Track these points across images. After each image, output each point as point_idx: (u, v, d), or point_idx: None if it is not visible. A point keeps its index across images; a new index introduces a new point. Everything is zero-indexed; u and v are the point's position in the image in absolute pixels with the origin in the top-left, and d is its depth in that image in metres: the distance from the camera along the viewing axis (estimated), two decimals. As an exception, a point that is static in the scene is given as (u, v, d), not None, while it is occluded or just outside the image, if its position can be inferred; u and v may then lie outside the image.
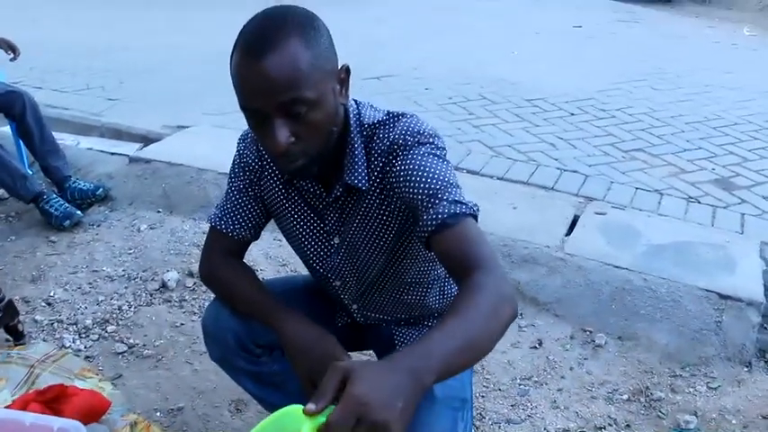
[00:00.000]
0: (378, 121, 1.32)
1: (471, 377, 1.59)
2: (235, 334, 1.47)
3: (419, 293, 1.52)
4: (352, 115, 1.31)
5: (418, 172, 1.23)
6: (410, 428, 1.32)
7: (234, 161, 1.48)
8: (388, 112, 1.34)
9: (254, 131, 1.22)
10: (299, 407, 0.88)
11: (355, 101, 1.34)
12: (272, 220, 1.52)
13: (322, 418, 0.85)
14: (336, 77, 1.22)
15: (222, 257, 1.48)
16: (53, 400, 1.27)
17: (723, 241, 2.90)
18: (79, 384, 1.44)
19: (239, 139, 1.48)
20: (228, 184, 1.49)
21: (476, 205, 1.22)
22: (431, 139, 1.28)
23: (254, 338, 1.49)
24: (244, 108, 1.18)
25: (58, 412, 1.20)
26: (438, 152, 1.27)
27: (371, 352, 1.80)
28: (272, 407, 1.70)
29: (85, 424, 1.12)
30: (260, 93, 1.12)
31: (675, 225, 3.07)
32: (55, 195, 3.11)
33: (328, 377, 0.87)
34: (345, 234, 1.40)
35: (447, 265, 1.19)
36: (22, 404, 1.25)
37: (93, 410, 1.27)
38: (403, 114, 1.32)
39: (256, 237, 1.52)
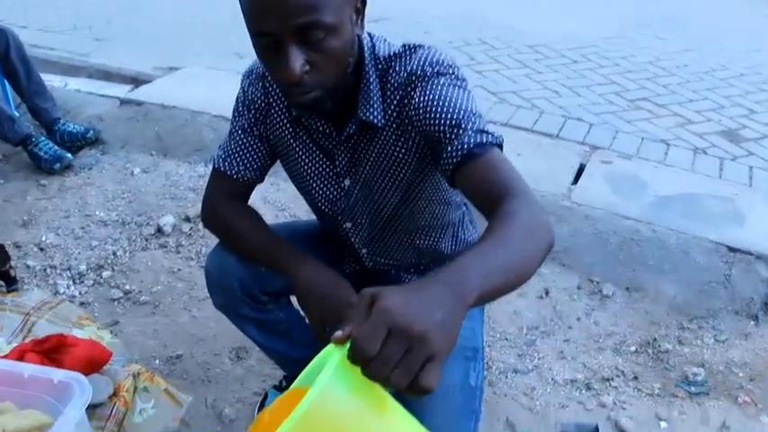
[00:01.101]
0: (393, 53, 1.23)
1: (482, 327, 1.54)
2: (240, 281, 1.41)
3: (432, 238, 1.45)
4: (366, 48, 1.22)
5: (439, 102, 1.15)
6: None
7: (238, 99, 1.40)
8: (404, 44, 1.25)
9: (264, 61, 1.13)
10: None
11: (369, 34, 1.25)
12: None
13: None
14: (353, 6, 1.13)
15: (226, 200, 1.40)
16: (52, 351, 1.21)
17: (731, 194, 2.85)
18: (77, 333, 1.37)
19: (243, 76, 1.39)
20: (232, 123, 1.41)
21: (501, 135, 1.14)
22: (450, 70, 1.20)
23: (261, 285, 1.43)
24: (254, 34, 1.08)
25: (57, 363, 1.14)
26: (459, 82, 1.19)
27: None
28: (276, 355, 1.65)
29: (86, 375, 1.05)
30: (276, 14, 1.02)
31: (683, 176, 3.01)
32: (44, 138, 3.01)
33: (356, 303, 0.76)
34: (357, 175, 1.33)
35: (476, 198, 1.11)
36: (20, 354, 1.19)
37: (94, 361, 1.21)
38: (420, 46, 1.24)
39: (261, 179, 1.44)
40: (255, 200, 2.71)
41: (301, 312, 1.59)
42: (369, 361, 0.69)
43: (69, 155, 2.98)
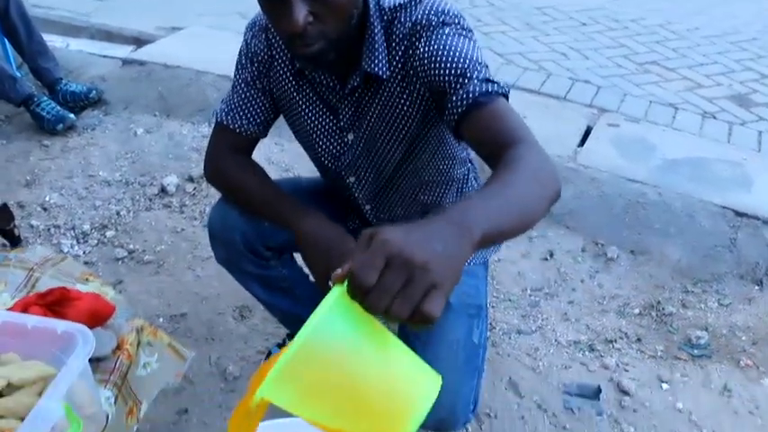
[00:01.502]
0: (399, 4, 1.21)
1: (487, 286, 1.53)
2: (243, 235, 1.40)
3: (436, 194, 1.44)
4: None
5: (444, 52, 1.12)
6: (423, 335, 1.28)
7: (240, 52, 1.37)
8: None
9: (268, 12, 1.11)
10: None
11: None
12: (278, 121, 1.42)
13: None
14: None
15: (229, 155, 1.39)
16: (55, 304, 1.20)
17: (740, 158, 2.82)
18: (81, 288, 1.37)
19: (246, 28, 1.36)
20: (235, 76, 1.39)
21: (507, 84, 1.12)
22: (456, 20, 1.17)
23: (264, 241, 1.42)
24: None
25: (60, 316, 1.14)
26: (464, 32, 1.16)
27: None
28: (279, 312, 1.65)
29: (90, 328, 1.05)
30: None
31: (691, 140, 2.98)
32: (46, 98, 2.98)
33: (358, 242, 0.72)
34: (361, 129, 1.31)
35: (481, 148, 1.09)
36: (23, 307, 1.18)
37: (98, 315, 1.21)
38: None
39: (265, 134, 1.42)
40: (259, 160, 2.68)
41: (305, 269, 1.58)
42: (367, 292, 0.66)
43: (72, 115, 2.95)
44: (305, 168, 2.58)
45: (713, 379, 1.89)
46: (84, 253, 2.26)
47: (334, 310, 0.69)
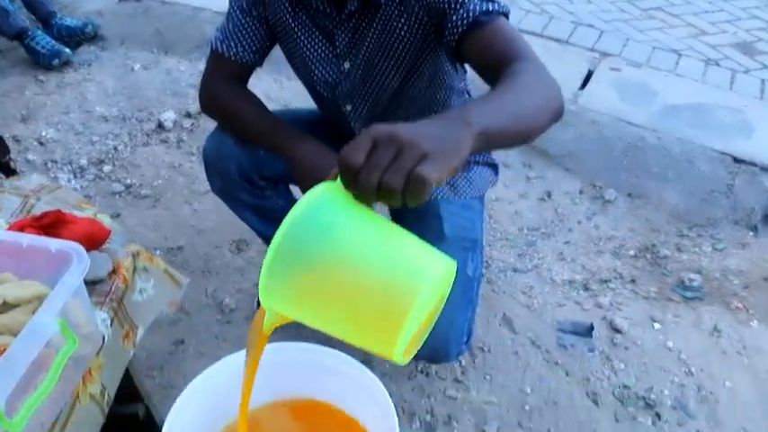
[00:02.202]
0: None
1: (482, 221, 1.54)
2: (238, 164, 1.39)
3: None
4: None
5: None
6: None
7: None
8: None
9: None
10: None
11: None
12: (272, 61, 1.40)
13: None
14: None
15: (225, 83, 1.37)
16: (50, 226, 1.20)
17: (741, 105, 2.79)
18: (77, 214, 1.36)
19: None
20: (230, 4, 1.36)
21: (507, 4, 1.11)
22: None
23: (259, 170, 1.41)
24: None
25: (55, 238, 1.13)
26: None
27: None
28: (275, 243, 1.65)
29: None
30: None
31: (693, 86, 2.94)
32: (41, 32, 2.93)
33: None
34: (357, 57, 1.29)
35: (483, 68, 1.08)
36: (18, 229, 1.18)
37: (94, 238, 1.20)
38: None
39: (260, 62, 1.40)
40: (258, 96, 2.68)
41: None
42: (357, 172, 0.64)
43: (68, 50, 2.91)
44: (304, 105, 2.56)
45: (704, 320, 1.91)
46: (80, 187, 2.26)
47: (325, 192, 0.67)
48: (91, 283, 1.18)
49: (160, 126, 2.52)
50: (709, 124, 2.63)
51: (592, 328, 1.84)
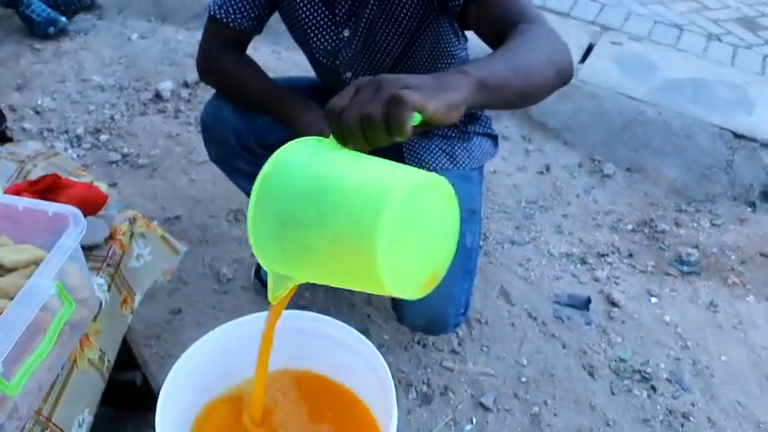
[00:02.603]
0: None
1: (481, 192, 1.53)
2: (236, 132, 1.38)
3: None
4: None
5: None
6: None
7: None
8: None
9: None
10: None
11: None
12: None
13: None
14: None
15: (222, 49, 1.36)
16: (46, 191, 1.19)
17: (742, 81, 2.78)
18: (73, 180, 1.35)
19: None
20: None
21: None
22: None
23: (257, 138, 1.40)
24: None
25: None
26: None
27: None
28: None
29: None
30: None
31: (694, 61, 2.92)
32: (36, 0, 2.89)
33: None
34: (357, 24, 1.27)
35: (489, 33, 1.06)
36: (13, 194, 1.17)
37: (90, 203, 1.19)
38: None
39: (259, 30, 1.38)
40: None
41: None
42: (341, 113, 0.65)
43: (64, 18, 2.87)
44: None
45: (701, 295, 1.92)
46: (77, 156, 2.24)
47: (313, 139, 0.68)
48: (88, 249, 1.18)
49: (158, 96, 2.50)
50: (710, 99, 2.62)
51: (589, 301, 1.84)
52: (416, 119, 0.65)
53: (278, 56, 2.70)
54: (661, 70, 2.76)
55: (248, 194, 1.54)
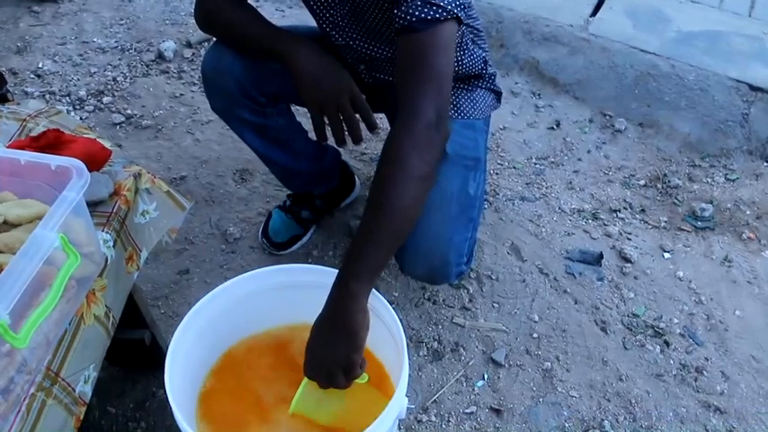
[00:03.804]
0: None
1: (486, 138, 1.51)
2: (237, 80, 1.35)
3: None
4: None
5: None
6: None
7: None
8: None
9: None
10: None
11: None
12: None
13: None
14: None
15: None
16: (48, 147, 1.16)
17: (759, 33, 2.70)
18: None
19: None
20: None
21: (459, 5, 1.10)
22: None
23: (259, 86, 1.37)
24: None
25: (55, 157, 1.10)
26: None
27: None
28: (278, 168, 1.63)
29: (85, 172, 1.02)
30: None
31: (709, 13, 2.84)
32: (34, -39, 2.84)
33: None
34: None
35: (397, 69, 1.14)
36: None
37: (94, 158, 1.17)
38: None
39: None
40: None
41: (302, 125, 1.55)
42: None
43: (62, -21, 2.82)
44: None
45: (715, 250, 1.89)
46: (80, 119, 2.21)
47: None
48: (92, 205, 1.16)
49: (160, 57, 2.46)
50: (726, 52, 2.55)
51: (601, 256, 1.82)
52: (365, 377, 1.06)
53: (282, 13, 2.65)
54: (674, 22, 2.70)
55: (252, 147, 1.52)
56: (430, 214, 1.25)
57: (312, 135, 1.39)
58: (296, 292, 1.17)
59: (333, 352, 1.01)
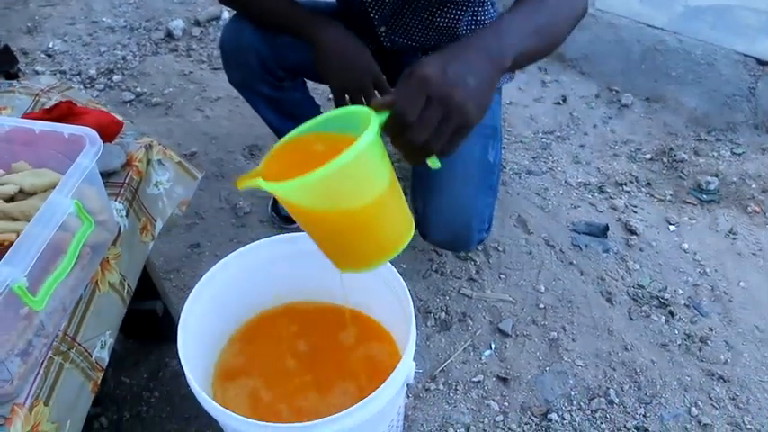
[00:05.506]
0: None
1: (500, 108, 1.52)
2: (257, 54, 1.36)
3: (452, 16, 1.38)
4: None
5: None
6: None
7: None
8: None
9: None
10: (368, 108, 0.78)
11: None
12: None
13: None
14: None
15: None
16: (61, 118, 1.19)
17: (767, 6, 2.69)
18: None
19: None
20: None
21: None
22: None
23: (278, 60, 1.38)
24: None
25: (68, 129, 1.12)
26: None
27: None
28: (289, 141, 1.64)
29: (97, 142, 1.04)
30: None
31: (716, -13, 2.83)
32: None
33: (400, 79, 0.77)
34: None
35: None
36: (29, 123, 1.17)
37: (106, 129, 1.19)
38: None
39: None
40: None
41: (318, 103, 1.56)
42: (409, 126, 0.73)
43: (70, -41, 2.84)
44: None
45: (720, 223, 1.90)
46: (91, 97, 2.23)
47: (374, 139, 0.73)
48: (105, 176, 1.18)
49: (169, 35, 2.48)
50: (734, 26, 2.54)
51: (607, 228, 1.83)
52: (436, 163, 0.83)
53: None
54: (682, -3, 2.69)
55: (267, 121, 1.53)
56: (453, 181, 1.27)
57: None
58: (307, 260, 1.19)
59: (478, 70, 0.77)
